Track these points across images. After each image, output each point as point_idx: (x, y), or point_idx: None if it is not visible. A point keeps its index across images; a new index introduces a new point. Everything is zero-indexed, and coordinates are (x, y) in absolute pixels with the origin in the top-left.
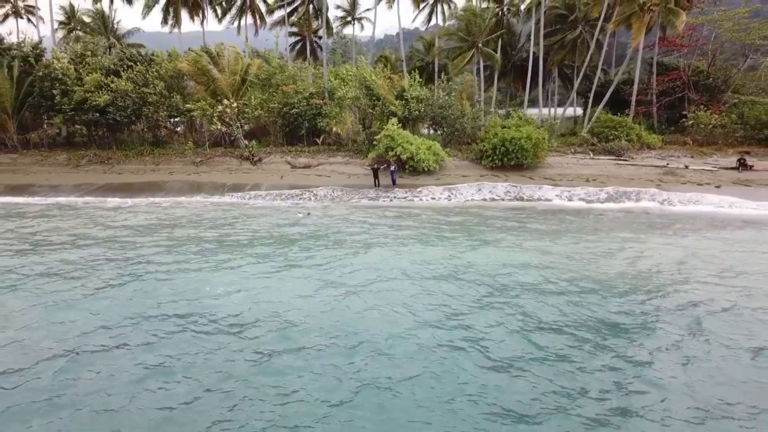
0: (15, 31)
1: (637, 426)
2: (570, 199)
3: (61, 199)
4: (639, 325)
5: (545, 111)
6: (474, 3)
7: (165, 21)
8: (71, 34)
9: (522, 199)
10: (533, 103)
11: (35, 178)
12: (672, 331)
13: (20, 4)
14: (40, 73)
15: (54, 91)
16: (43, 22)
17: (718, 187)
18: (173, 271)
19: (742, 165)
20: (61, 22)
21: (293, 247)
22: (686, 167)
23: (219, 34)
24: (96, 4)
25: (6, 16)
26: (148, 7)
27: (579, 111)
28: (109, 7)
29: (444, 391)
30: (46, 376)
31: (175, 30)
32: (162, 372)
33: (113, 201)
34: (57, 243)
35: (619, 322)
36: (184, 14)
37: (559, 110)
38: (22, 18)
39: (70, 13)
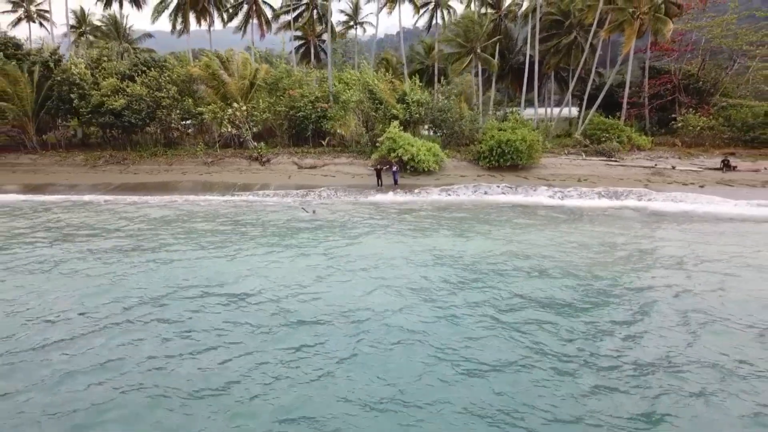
0: (28, 35)
1: (585, 381)
2: (561, 199)
3: (85, 197)
4: (601, 303)
5: (543, 111)
6: (473, 8)
7: (174, 27)
8: (82, 38)
9: (516, 198)
10: (531, 103)
11: (55, 177)
12: (629, 308)
13: (32, 8)
14: (59, 78)
15: (72, 95)
16: (56, 27)
17: (702, 186)
18: (195, 258)
19: (726, 166)
20: (72, 26)
21: (301, 240)
22: (673, 168)
23: (224, 33)
24: (107, 9)
25: (19, 20)
26: (158, 12)
27: (575, 111)
28: (119, 12)
29: (428, 350)
30: (95, 346)
31: (184, 34)
32: (194, 342)
33: (132, 198)
34: (86, 235)
35: (583, 301)
36: (192, 18)
37: (556, 110)
38: (34, 22)
39: (81, 18)
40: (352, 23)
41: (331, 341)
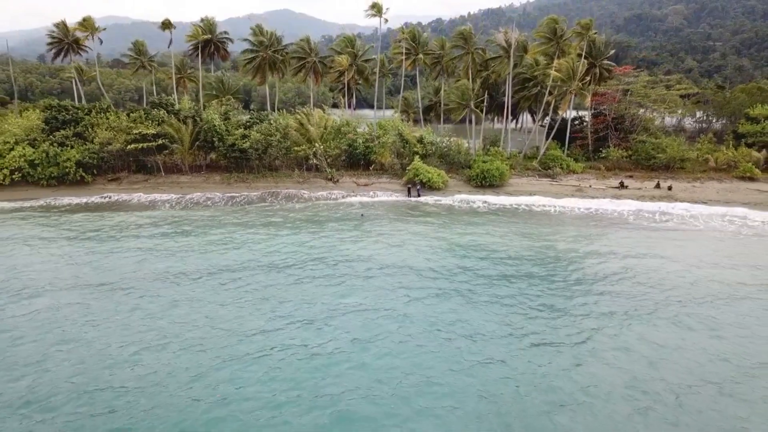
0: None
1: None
2: (518, 204)
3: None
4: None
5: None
6: (469, 72)
7: (253, 77)
8: (182, 81)
9: (488, 203)
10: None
11: (210, 190)
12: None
13: (144, 60)
14: (205, 127)
15: (214, 139)
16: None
17: (601, 200)
18: (294, 227)
19: (621, 185)
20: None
21: (359, 223)
22: (590, 186)
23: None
24: (203, 64)
25: (137, 68)
26: (246, 70)
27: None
28: (211, 65)
29: (424, 292)
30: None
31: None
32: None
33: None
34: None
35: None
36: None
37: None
38: (146, 69)
39: (180, 67)
40: (381, 73)
41: (372, 281)
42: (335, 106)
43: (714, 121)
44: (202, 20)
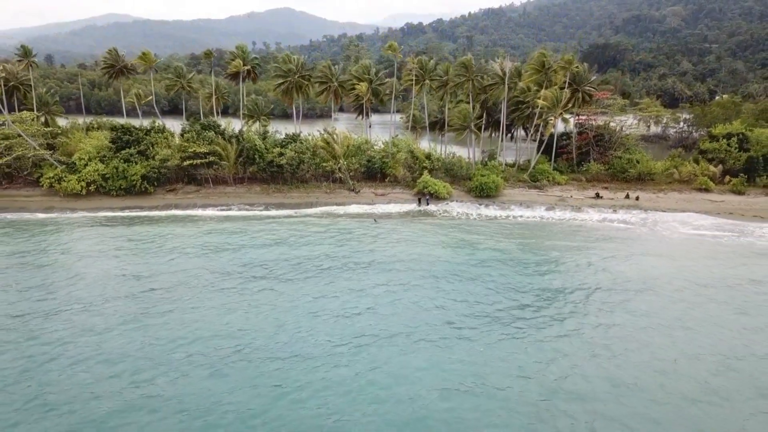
0: (180, 101)
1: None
2: (508, 213)
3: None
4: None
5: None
6: (469, 97)
7: (282, 97)
8: (219, 101)
9: (483, 212)
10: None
11: (251, 198)
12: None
13: (184, 82)
14: (247, 146)
15: (255, 156)
16: (196, 94)
17: (579, 208)
18: (322, 224)
19: (597, 196)
20: (210, 94)
21: (375, 223)
22: (571, 196)
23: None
24: (234, 83)
25: (177, 90)
26: (276, 92)
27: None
28: (242, 89)
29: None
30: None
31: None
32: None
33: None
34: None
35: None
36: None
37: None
38: (185, 90)
39: (216, 88)
40: (393, 94)
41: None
42: (341, 110)
43: (694, 131)
44: (237, 47)
